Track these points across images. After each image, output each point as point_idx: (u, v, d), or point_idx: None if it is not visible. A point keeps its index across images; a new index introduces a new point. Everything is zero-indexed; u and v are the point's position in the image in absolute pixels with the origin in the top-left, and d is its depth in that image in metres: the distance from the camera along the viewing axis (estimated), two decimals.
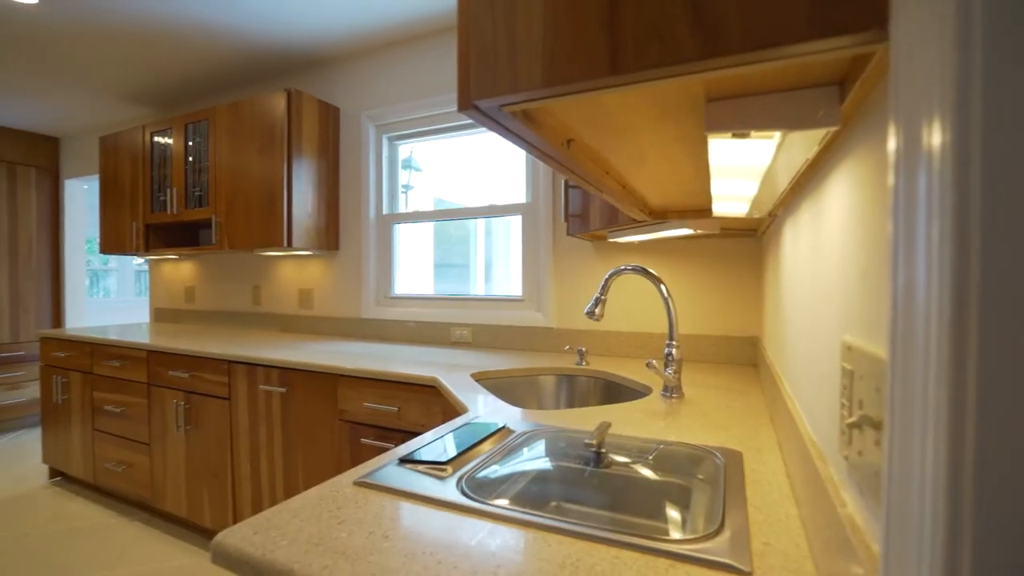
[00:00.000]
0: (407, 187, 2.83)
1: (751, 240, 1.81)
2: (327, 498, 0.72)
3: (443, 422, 1.56)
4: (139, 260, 6.16)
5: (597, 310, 1.42)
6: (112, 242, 3.17)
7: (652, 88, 0.44)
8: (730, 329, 1.84)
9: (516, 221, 2.30)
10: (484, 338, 2.28)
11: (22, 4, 2.19)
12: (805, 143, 0.57)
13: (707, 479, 0.82)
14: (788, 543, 0.60)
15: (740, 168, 0.67)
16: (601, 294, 1.41)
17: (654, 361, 1.25)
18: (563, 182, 1.72)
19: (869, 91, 0.44)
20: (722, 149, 0.58)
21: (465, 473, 0.80)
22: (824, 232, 0.64)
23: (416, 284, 2.77)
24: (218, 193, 2.64)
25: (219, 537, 0.62)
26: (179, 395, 2.27)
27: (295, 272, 2.88)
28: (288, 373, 1.92)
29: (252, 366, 2.02)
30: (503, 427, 1.00)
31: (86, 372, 2.70)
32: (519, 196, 2.28)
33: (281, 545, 0.60)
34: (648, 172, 0.85)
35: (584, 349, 1.79)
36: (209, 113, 2.68)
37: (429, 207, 3.06)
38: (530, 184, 2.21)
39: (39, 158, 4.13)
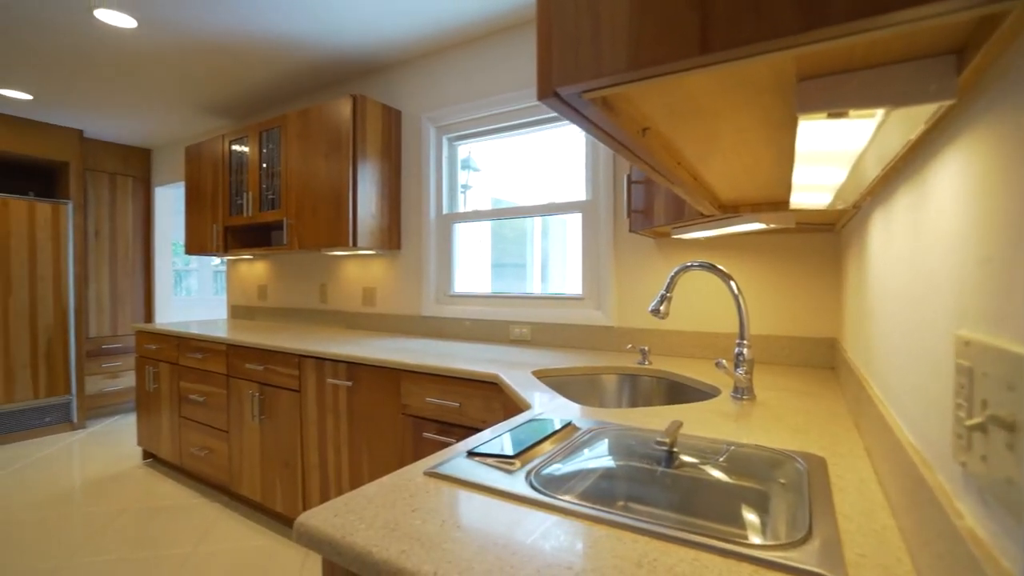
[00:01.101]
0: (465, 187, 2.87)
1: (827, 235, 1.70)
2: (400, 487, 0.74)
3: (504, 418, 1.57)
4: (216, 261, 6.62)
5: (662, 308, 1.38)
6: (196, 243, 3.42)
7: (739, 68, 0.42)
8: (803, 330, 1.73)
9: (573, 219, 2.28)
10: (543, 336, 2.28)
11: (122, 29, 2.41)
12: (908, 122, 0.52)
13: (788, 484, 0.78)
14: (887, 556, 0.56)
15: (829, 153, 0.63)
16: (666, 291, 1.37)
17: (723, 361, 1.20)
18: (625, 178, 1.68)
19: (996, 58, 0.39)
20: (812, 132, 0.55)
21: (533, 468, 0.79)
22: (929, 219, 0.59)
23: (474, 283, 2.81)
24: (289, 196, 2.79)
25: (302, 518, 0.65)
26: (254, 386, 2.41)
27: (359, 271, 3.00)
28: (354, 368, 2.00)
29: (321, 360, 2.12)
30: (569, 424, 0.99)
31: (173, 363, 2.93)
32: (578, 194, 2.26)
33: (359, 528, 0.62)
34: (723, 162, 0.81)
35: (647, 348, 1.75)
36: (281, 120, 2.83)
37: (487, 207, 3.09)
38: (590, 181, 2.18)
39: (134, 168, 4.53)
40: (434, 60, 2.64)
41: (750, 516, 0.80)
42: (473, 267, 2.79)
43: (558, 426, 0.98)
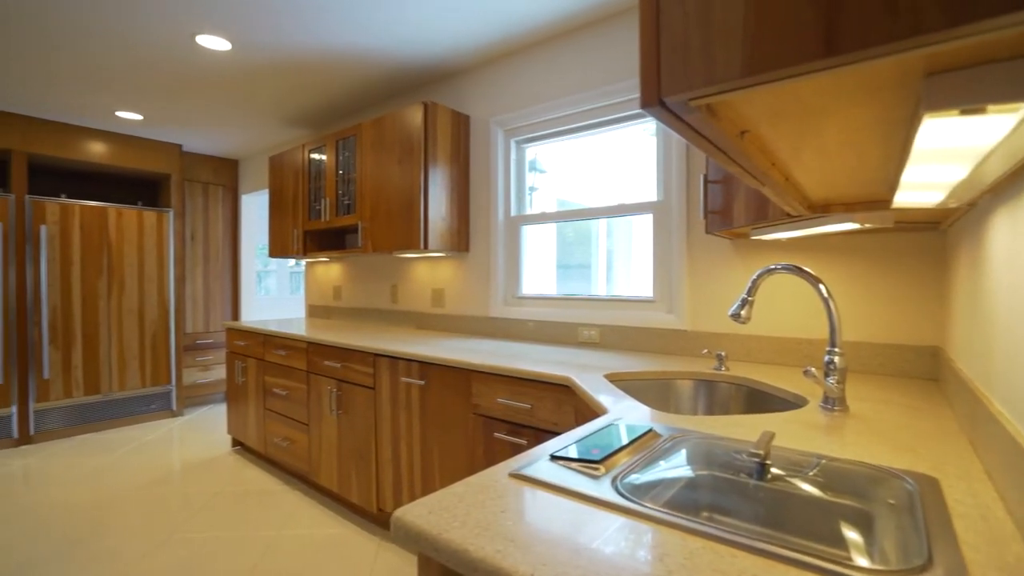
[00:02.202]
0: (532, 189, 2.89)
1: (929, 234, 1.57)
2: (487, 487, 0.76)
3: (575, 421, 1.57)
4: (291, 263, 7.04)
5: (743, 312, 1.32)
6: (278, 247, 3.66)
7: (860, 67, 0.40)
8: (900, 336, 1.60)
9: (640, 220, 2.24)
10: (612, 339, 2.25)
11: (219, 52, 2.62)
12: None
13: (898, 506, 0.72)
14: None
15: (952, 151, 0.58)
16: (748, 295, 1.32)
17: (813, 369, 1.13)
18: (701, 178, 1.63)
19: None
20: (936, 130, 0.51)
21: (618, 474, 0.79)
22: None
23: (540, 284, 2.82)
24: (363, 201, 2.92)
25: (399, 512, 0.68)
26: (332, 383, 2.55)
27: (428, 272, 3.09)
28: (426, 367, 2.07)
29: (394, 359, 2.20)
30: (650, 431, 0.98)
31: (259, 359, 3.15)
32: (647, 195, 2.21)
33: (454, 526, 0.64)
34: (822, 161, 0.77)
35: (723, 353, 1.69)
36: (356, 129, 2.98)
37: (552, 208, 3.09)
38: (661, 182, 2.13)
39: (224, 178, 4.91)
40: (501, 65, 2.68)
41: (851, 535, 0.76)
42: (538, 269, 2.80)
43: (639, 433, 0.96)
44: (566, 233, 3.91)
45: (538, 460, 0.85)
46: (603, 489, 0.73)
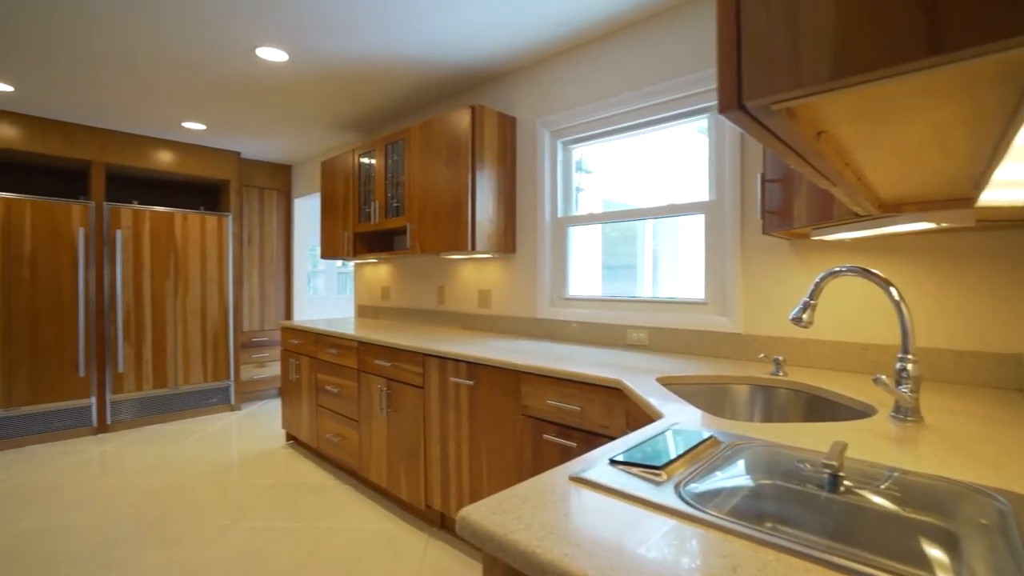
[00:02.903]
0: (577, 189, 2.88)
1: (1016, 232, 1.46)
2: (548, 489, 0.76)
3: (627, 424, 1.55)
4: (339, 264, 7.26)
5: (805, 316, 1.27)
6: (329, 248, 3.79)
7: (967, 64, 0.38)
8: (979, 343, 1.50)
9: (687, 220, 2.19)
10: (662, 341, 2.21)
11: (275, 62, 2.74)
12: None
13: (991, 526, 0.68)
14: None
15: None
16: (811, 298, 1.27)
17: (883, 377, 1.08)
18: (758, 177, 1.58)
19: None
20: None
21: (680, 480, 0.78)
22: None
23: (585, 285, 2.80)
24: (412, 203, 2.98)
25: (463, 512, 0.69)
26: (382, 381, 2.62)
27: (475, 273, 3.13)
28: (475, 367, 2.09)
29: (443, 359, 2.24)
30: (711, 437, 0.95)
31: (312, 357, 3.27)
32: (697, 194, 2.16)
33: (519, 528, 0.65)
34: (901, 160, 0.73)
35: (781, 358, 1.63)
36: (404, 133, 3.04)
37: (598, 209, 3.06)
38: (713, 181, 2.08)
39: (278, 182, 5.13)
40: (548, 66, 2.68)
41: (935, 554, 0.71)
42: (583, 269, 2.79)
43: (699, 439, 0.95)
44: (609, 233, 3.87)
45: (596, 464, 0.84)
46: (666, 496, 0.72)
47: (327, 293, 7.57)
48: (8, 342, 3.52)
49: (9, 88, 3.14)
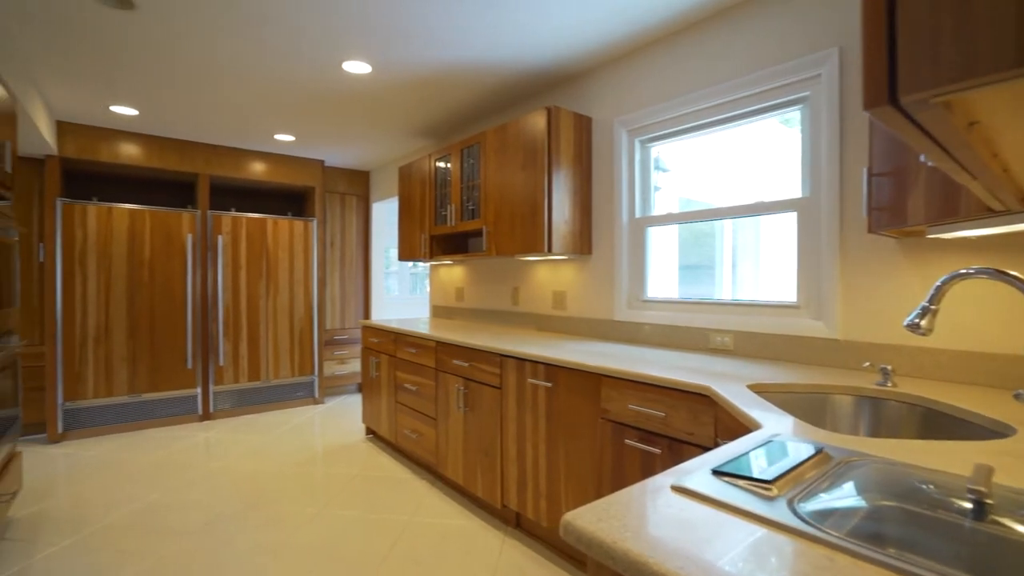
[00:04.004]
0: (655, 188, 2.80)
1: None
2: (651, 498, 0.75)
3: (715, 432, 1.49)
4: (411, 265, 7.51)
5: (923, 322, 1.16)
6: (407, 250, 3.94)
7: None
8: None
9: (768, 218, 2.06)
10: (748, 346, 2.10)
11: (359, 75, 2.88)
12: None
13: None
14: None
15: None
16: (930, 303, 1.15)
17: None
18: (864, 171, 1.46)
19: None
20: None
21: (793, 496, 0.73)
22: None
23: (662, 287, 2.72)
24: (487, 206, 3.03)
25: (568, 517, 0.69)
26: (460, 381, 2.68)
27: (549, 275, 3.13)
28: (553, 369, 2.09)
29: (521, 361, 2.26)
30: (821, 451, 0.89)
31: (391, 355, 3.40)
32: (788, 190, 2.03)
33: (627, 536, 0.64)
34: None
35: (889, 368, 1.49)
36: (479, 137, 3.10)
37: (674, 207, 2.97)
38: (808, 176, 1.95)
39: (357, 188, 5.40)
40: (624, 64, 2.63)
41: None
42: (660, 270, 2.71)
43: (808, 453, 0.89)
44: (683, 232, 3.73)
45: (695, 473, 0.82)
46: (780, 512, 0.69)
47: (400, 294, 7.87)
48: (133, 337, 3.96)
49: (135, 111, 3.53)
